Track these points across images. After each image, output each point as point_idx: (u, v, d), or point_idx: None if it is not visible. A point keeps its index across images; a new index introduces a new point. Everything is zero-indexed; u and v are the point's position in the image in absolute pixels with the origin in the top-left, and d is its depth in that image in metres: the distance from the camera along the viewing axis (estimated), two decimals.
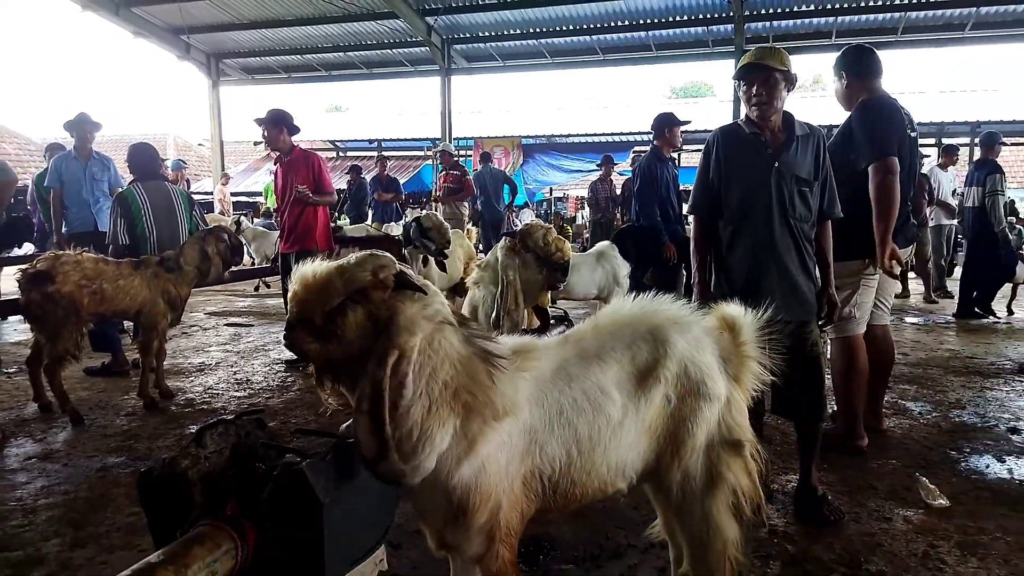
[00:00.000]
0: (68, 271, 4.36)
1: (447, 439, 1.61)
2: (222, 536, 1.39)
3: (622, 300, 2.07)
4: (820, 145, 3.11)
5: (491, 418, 1.66)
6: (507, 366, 1.71)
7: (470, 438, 1.64)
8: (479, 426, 1.64)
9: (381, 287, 1.59)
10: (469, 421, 1.64)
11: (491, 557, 1.72)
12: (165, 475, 1.51)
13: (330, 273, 1.60)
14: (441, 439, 1.60)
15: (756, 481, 2.00)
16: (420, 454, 1.58)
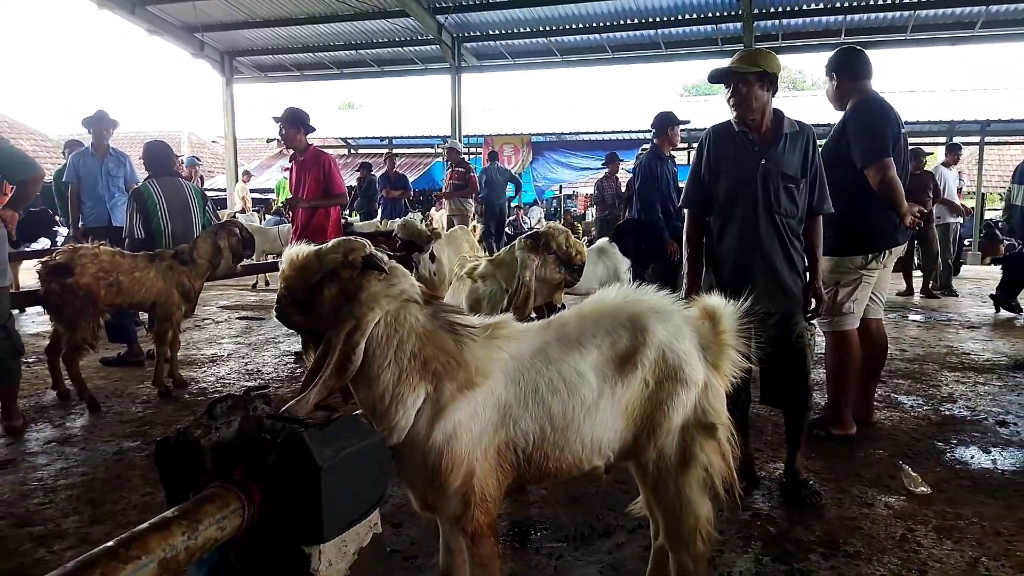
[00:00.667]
0: (86, 263, 4.55)
1: (418, 403, 1.83)
2: (230, 496, 1.54)
3: (608, 289, 2.21)
4: (809, 143, 3.22)
5: (463, 386, 1.84)
6: (476, 336, 1.90)
7: (442, 404, 1.83)
8: (451, 393, 1.83)
9: (350, 267, 1.85)
10: (441, 388, 1.83)
11: (467, 519, 1.88)
12: (179, 443, 1.66)
13: (310, 255, 1.87)
14: (412, 403, 1.82)
15: (729, 462, 2.13)
16: (393, 416, 1.82)
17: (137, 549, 1.35)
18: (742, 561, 2.76)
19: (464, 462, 1.85)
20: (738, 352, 2.18)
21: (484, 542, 1.92)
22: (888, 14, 13.37)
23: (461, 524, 1.91)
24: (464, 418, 1.85)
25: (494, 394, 1.90)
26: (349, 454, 1.61)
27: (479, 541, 1.92)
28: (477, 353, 1.87)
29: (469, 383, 1.84)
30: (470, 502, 1.88)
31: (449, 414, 1.83)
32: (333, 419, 1.68)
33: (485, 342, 1.91)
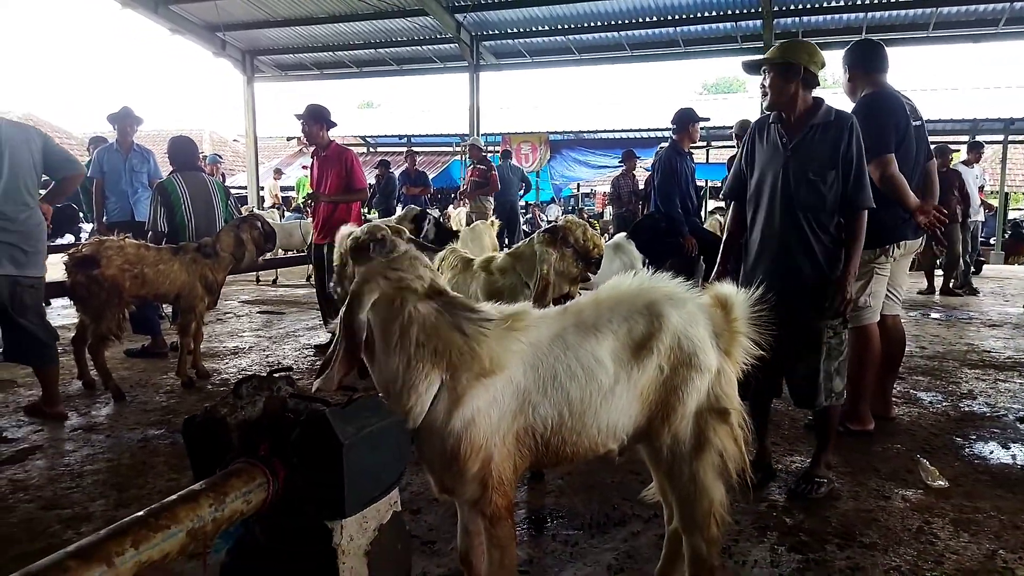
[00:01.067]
0: (112, 256, 4.65)
1: (432, 391, 1.88)
2: (256, 472, 1.58)
3: (623, 277, 2.24)
4: (843, 133, 3.09)
5: (479, 375, 1.87)
6: (491, 328, 1.93)
7: (459, 392, 1.87)
8: (467, 381, 1.87)
9: (359, 249, 2.08)
10: (457, 377, 1.87)
11: (485, 502, 1.93)
12: (206, 420, 1.71)
13: (344, 236, 2.18)
14: (426, 390, 1.87)
15: (742, 447, 2.16)
16: (407, 402, 1.88)
17: (167, 519, 1.40)
18: (757, 551, 2.78)
19: (482, 447, 1.89)
20: (750, 339, 2.20)
21: (502, 524, 1.96)
22: (910, 11, 13.25)
23: (479, 507, 1.96)
24: (483, 405, 1.89)
25: (513, 381, 1.93)
26: (370, 433, 1.65)
27: (497, 523, 1.96)
28: (492, 345, 1.90)
29: (485, 372, 1.88)
30: (488, 485, 1.92)
31: (467, 402, 1.87)
32: (355, 399, 1.73)
33: (503, 333, 1.94)
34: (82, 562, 1.23)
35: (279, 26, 15.63)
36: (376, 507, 1.75)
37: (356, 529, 1.69)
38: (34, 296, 4.16)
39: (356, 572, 1.69)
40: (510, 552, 1.98)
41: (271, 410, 1.78)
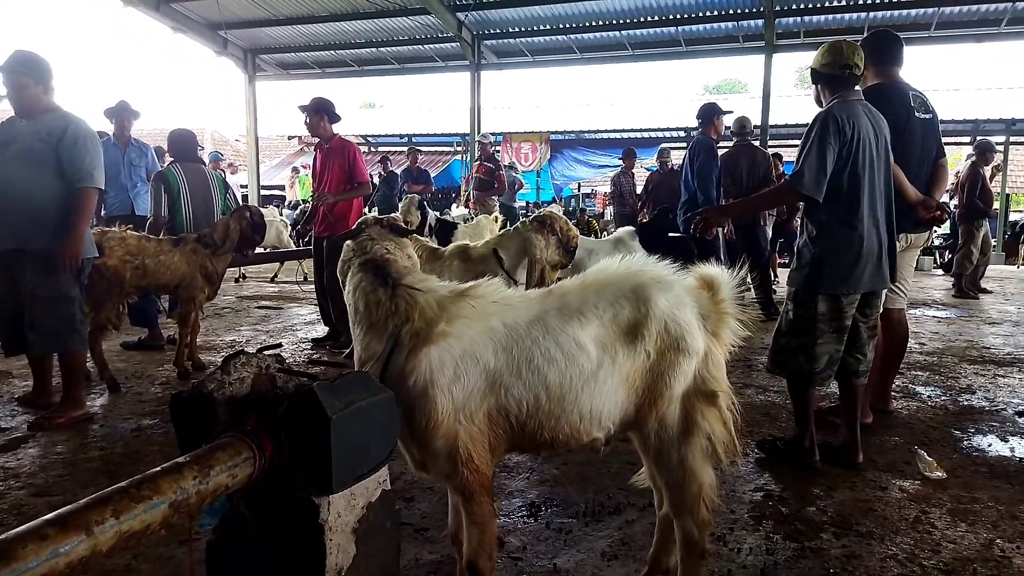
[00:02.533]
0: (114, 246, 4.66)
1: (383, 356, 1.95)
2: (242, 445, 1.57)
3: (610, 260, 2.22)
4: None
5: (422, 343, 1.90)
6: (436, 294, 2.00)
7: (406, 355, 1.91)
8: (410, 341, 1.92)
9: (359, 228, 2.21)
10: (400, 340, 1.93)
11: (457, 478, 1.92)
12: (193, 396, 1.70)
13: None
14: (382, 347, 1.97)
15: (731, 429, 2.14)
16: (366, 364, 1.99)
17: (149, 489, 1.38)
18: (752, 539, 2.76)
19: (444, 423, 1.88)
20: (737, 320, 2.18)
21: (477, 501, 1.96)
22: (912, 11, 13.22)
23: (453, 483, 1.97)
24: (441, 380, 1.88)
25: (480, 361, 1.92)
26: (359, 408, 1.64)
27: (471, 500, 1.96)
28: (433, 306, 1.95)
29: (428, 339, 1.90)
30: (457, 461, 1.91)
31: (419, 368, 1.88)
32: (344, 375, 1.71)
33: (450, 298, 1.99)
34: (60, 530, 1.21)
35: (281, 24, 15.62)
36: (364, 484, 1.74)
37: (344, 506, 1.68)
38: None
39: (343, 549, 1.67)
40: (488, 530, 1.97)
41: (259, 386, 1.77)
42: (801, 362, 3.38)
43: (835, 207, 3.31)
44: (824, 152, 3.23)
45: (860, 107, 3.35)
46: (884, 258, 3.40)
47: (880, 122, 3.41)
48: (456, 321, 1.92)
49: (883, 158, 3.38)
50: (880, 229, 3.38)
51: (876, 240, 3.36)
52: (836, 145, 3.24)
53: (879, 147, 3.35)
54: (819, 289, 3.32)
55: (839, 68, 3.36)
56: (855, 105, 3.34)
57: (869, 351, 3.53)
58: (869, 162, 3.30)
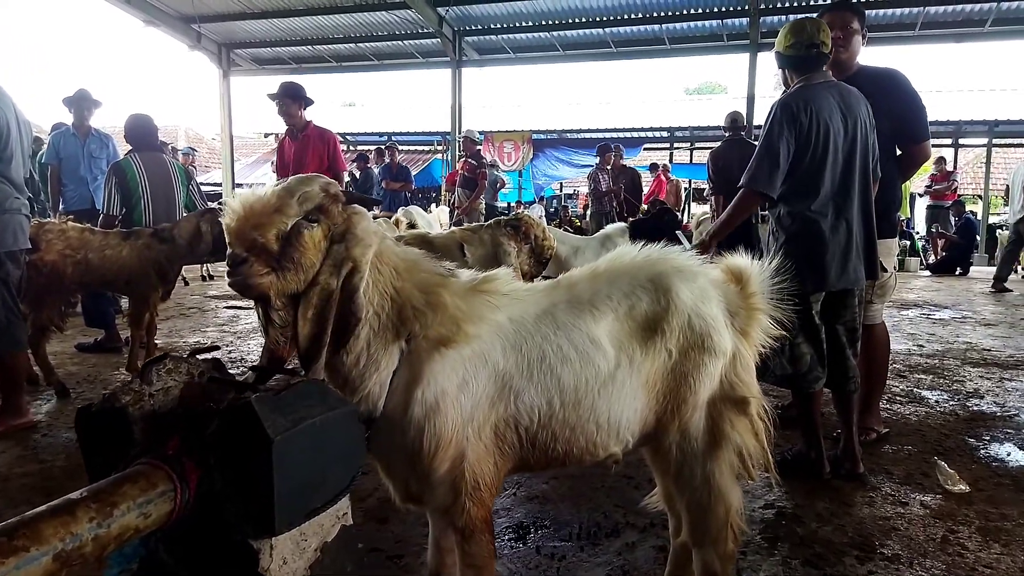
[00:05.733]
0: (52, 239, 4.26)
1: (392, 365, 1.56)
2: (159, 476, 1.23)
3: (625, 247, 1.91)
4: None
5: (439, 343, 1.55)
6: (458, 286, 1.64)
7: (415, 368, 1.55)
8: (425, 354, 1.55)
9: (335, 201, 1.55)
10: (417, 345, 1.56)
11: (457, 511, 1.59)
12: (103, 411, 1.36)
13: (280, 194, 1.51)
14: (387, 365, 1.55)
15: (763, 442, 1.83)
16: (367, 382, 1.55)
17: (24, 538, 1.04)
18: (768, 565, 2.46)
19: (452, 442, 1.55)
20: (769, 318, 1.88)
21: (477, 539, 1.62)
22: (897, 10, 13.10)
23: (450, 517, 1.62)
24: (451, 388, 1.55)
25: (488, 362, 1.60)
26: (311, 426, 1.30)
27: (471, 538, 1.62)
28: (459, 303, 1.59)
29: (447, 339, 1.55)
30: (460, 491, 1.58)
31: (427, 379, 1.54)
32: (293, 383, 1.38)
33: (469, 294, 1.64)
34: None
35: (256, 18, 15.20)
36: (318, 521, 1.40)
37: (291, 550, 1.34)
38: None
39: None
40: (487, 573, 1.64)
41: (189, 399, 1.43)
42: (784, 365, 3.08)
43: (793, 199, 3.03)
44: (774, 145, 2.95)
45: (825, 89, 3.02)
46: (855, 253, 3.06)
47: (855, 104, 3.06)
48: (480, 323, 1.60)
49: (858, 142, 3.03)
50: (851, 221, 3.05)
51: (845, 233, 3.03)
52: (790, 135, 2.94)
53: (850, 132, 3.02)
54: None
55: (804, 48, 3.03)
56: (818, 89, 3.01)
57: (851, 356, 3.19)
58: (834, 149, 2.97)
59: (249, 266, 1.46)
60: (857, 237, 3.06)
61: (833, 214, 3.00)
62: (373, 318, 1.55)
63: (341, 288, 1.52)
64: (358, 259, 1.52)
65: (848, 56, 3.45)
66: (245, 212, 1.49)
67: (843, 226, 3.01)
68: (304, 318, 1.52)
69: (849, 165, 3.02)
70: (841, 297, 3.10)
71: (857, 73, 3.45)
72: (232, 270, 1.48)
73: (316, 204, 1.51)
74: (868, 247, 3.12)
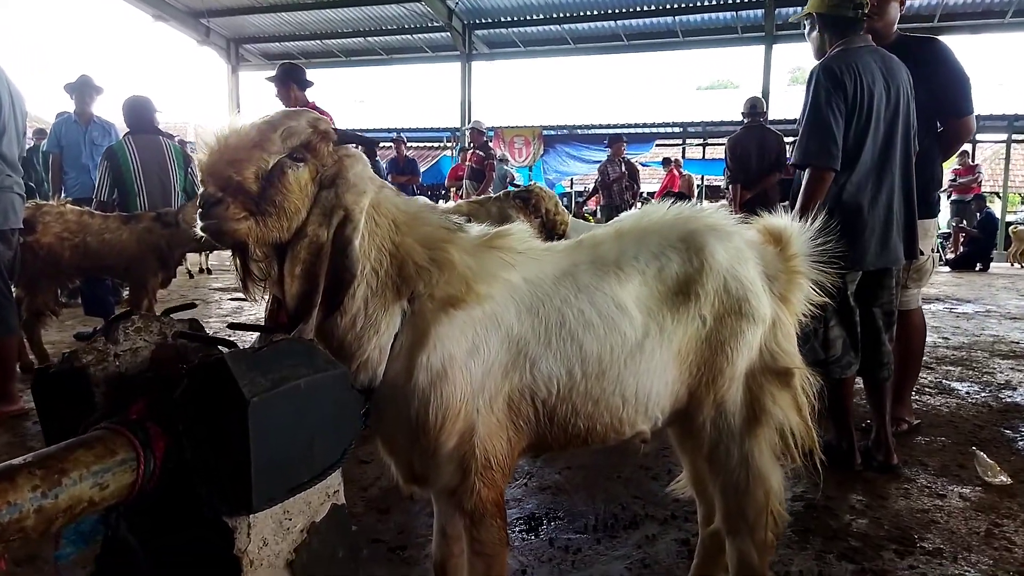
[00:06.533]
0: (49, 222, 4.12)
1: (393, 328, 1.38)
2: (118, 443, 1.07)
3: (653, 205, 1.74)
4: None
5: (447, 303, 1.37)
6: (466, 242, 1.47)
7: (420, 330, 1.37)
8: (430, 314, 1.37)
9: (325, 139, 1.36)
10: (421, 305, 1.38)
11: (465, 492, 1.41)
12: (62, 372, 1.20)
13: (262, 127, 1.33)
14: (387, 328, 1.37)
15: (807, 419, 1.65)
16: (365, 346, 1.37)
17: None
18: (801, 559, 2.27)
19: (460, 414, 1.38)
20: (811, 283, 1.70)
21: (487, 524, 1.45)
22: (916, 2, 12.83)
23: (458, 499, 1.44)
24: (459, 353, 1.38)
25: (502, 325, 1.42)
26: (294, 388, 1.13)
27: (480, 523, 1.45)
28: (468, 260, 1.41)
29: (455, 298, 1.37)
30: (469, 469, 1.41)
31: (433, 342, 1.36)
32: (274, 341, 1.21)
33: (480, 250, 1.46)
34: None
35: (265, 12, 15.14)
36: (305, 498, 1.23)
37: (273, 530, 1.17)
38: None
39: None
40: (498, 563, 1.47)
41: (160, 361, 1.27)
42: (816, 349, 2.87)
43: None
44: (821, 112, 2.73)
45: (867, 54, 2.81)
46: (895, 232, 2.86)
47: (897, 70, 2.85)
48: (492, 282, 1.43)
49: (900, 112, 2.83)
50: (893, 198, 2.85)
51: (884, 208, 2.82)
52: (837, 98, 2.72)
53: (892, 100, 2.80)
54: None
55: (851, 8, 2.82)
56: (860, 52, 2.80)
57: (886, 342, 3.00)
58: (876, 118, 2.76)
59: (224, 208, 1.27)
60: (897, 213, 2.86)
61: (873, 187, 2.79)
62: (371, 275, 1.37)
63: (332, 240, 1.33)
64: (351, 207, 1.34)
65: (883, 25, 3.24)
66: (220, 147, 1.31)
67: (883, 200, 2.81)
68: (291, 274, 1.33)
69: (890, 136, 2.82)
70: (879, 277, 2.90)
71: (895, 41, 3.24)
72: (205, 212, 1.29)
73: (302, 141, 1.33)
74: (908, 224, 2.92)
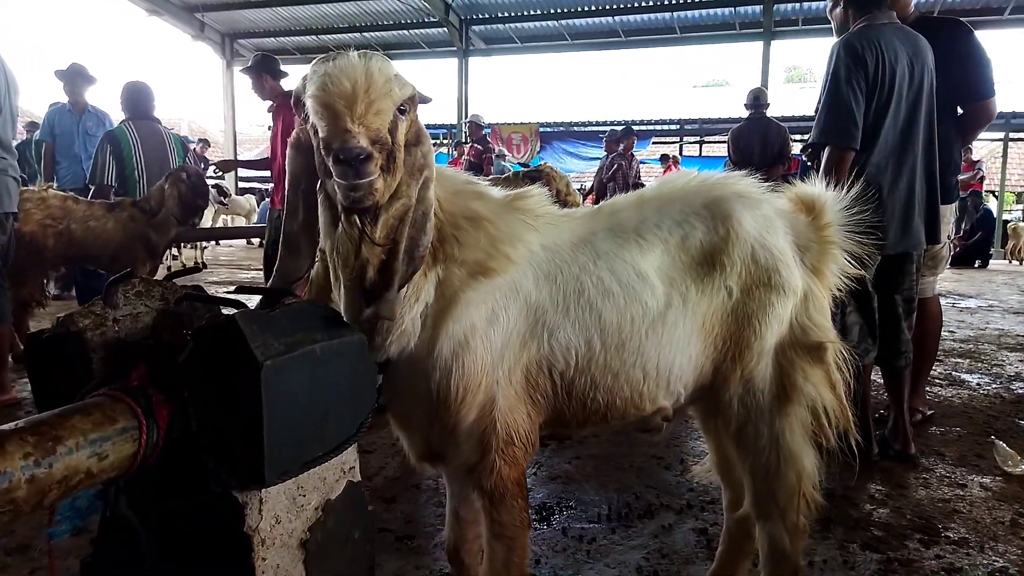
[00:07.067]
0: (30, 209, 3.96)
1: (428, 295, 1.28)
2: (119, 410, 0.98)
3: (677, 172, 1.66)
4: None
5: (475, 272, 1.28)
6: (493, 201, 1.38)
7: (448, 297, 1.28)
8: (459, 280, 1.28)
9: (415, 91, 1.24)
10: (449, 270, 1.28)
11: (485, 470, 1.33)
12: (57, 336, 1.11)
13: (384, 69, 1.15)
14: (424, 295, 1.27)
15: (842, 397, 1.57)
16: (405, 315, 1.26)
17: None
18: (824, 548, 2.19)
19: (481, 386, 1.30)
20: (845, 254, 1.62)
21: (508, 505, 1.37)
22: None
23: (477, 477, 1.35)
24: (480, 322, 1.29)
25: (520, 293, 1.34)
26: (308, 353, 1.05)
27: (501, 503, 1.36)
28: (496, 221, 1.33)
29: (484, 267, 1.28)
30: (490, 445, 1.33)
31: (460, 312, 1.27)
32: (288, 304, 1.13)
33: (504, 212, 1.37)
34: None
35: (260, 7, 14.99)
36: (320, 474, 1.15)
37: (286, 506, 1.09)
38: None
39: (284, 573, 1.08)
40: (519, 546, 1.38)
41: (162, 328, 1.18)
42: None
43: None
44: (841, 90, 2.63)
45: (891, 31, 2.71)
46: (917, 215, 2.78)
47: (923, 51, 2.75)
48: (518, 246, 1.34)
49: (923, 92, 2.74)
50: (915, 179, 2.76)
51: (905, 191, 2.74)
52: (858, 76, 2.62)
53: (917, 80, 2.71)
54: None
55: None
56: (884, 29, 2.70)
57: (905, 329, 2.92)
58: (898, 96, 2.67)
59: (374, 163, 1.10)
60: (919, 196, 2.77)
61: (894, 169, 2.71)
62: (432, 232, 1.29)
63: (420, 200, 1.23)
64: (433, 166, 1.26)
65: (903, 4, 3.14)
66: (366, 86, 1.11)
67: (904, 182, 2.73)
68: (378, 238, 1.18)
69: (913, 115, 2.73)
70: (899, 262, 2.82)
71: (915, 21, 3.15)
72: (358, 170, 1.07)
73: (410, 93, 1.20)
74: (930, 208, 2.83)
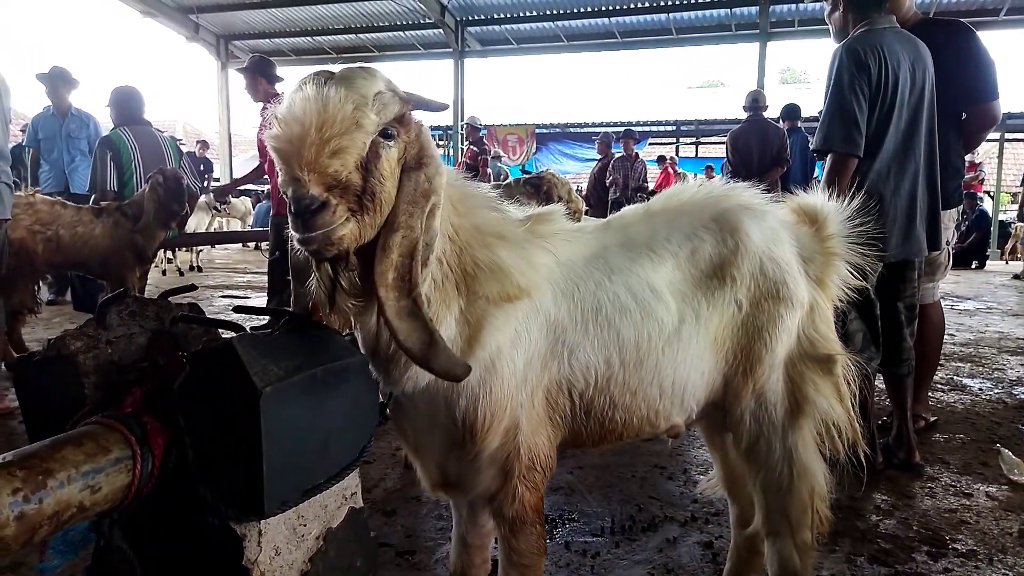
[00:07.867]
0: (19, 214, 3.86)
1: (453, 325, 1.20)
2: (112, 439, 0.94)
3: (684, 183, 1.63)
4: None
5: (501, 298, 1.22)
6: (517, 234, 1.30)
7: (473, 323, 1.21)
8: (483, 306, 1.21)
9: (406, 106, 1.11)
10: (472, 300, 1.21)
11: (506, 497, 1.29)
12: (48, 360, 1.07)
13: (352, 97, 1.02)
14: (448, 326, 1.20)
15: (850, 409, 1.54)
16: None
17: None
18: (831, 562, 2.16)
19: (507, 411, 1.25)
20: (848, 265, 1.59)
21: (527, 532, 1.33)
22: None
23: (497, 506, 1.31)
24: (504, 344, 1.25)
25: (540, 310, 1.30)
26: (309, 377, 1.01)
27: (521, 531, 1.33)
28: (521, 255, 1.27)
29: (509, 294, 1.22)
30: (512, 472, 1.28)
31: (486, 337, 1.21)
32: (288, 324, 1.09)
33: (525, 238, 1.32)
34: None
35: (255, 8, 14.93)
36: (321, 502, 1.11)
37: (286, 537, 1.05)
38: None
39: None
40: (534, 574, 1.34)
41: (158, 349, 1.14)
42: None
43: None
44: (844, 96, 2.60)
45: (892, 35, 2.68)
46: (919, 222, 2.75)
47: (924, 55, 2.72)
48: (539, 271, 1.28)
49: (925, 97, 2.71)
50: (917, 186, 2.73)
51: (907, 197, 2.71)
52: (861, 82, 2.59)
53: (918, 86, 2.68)
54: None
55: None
56: (886, 34, 2.67)
57: (907, 337, 2.89)
58: (900, 103, 2.64)
59: (331, 213, 0.99)
60: (921, 202, 2.74)
61: (895, 176, 2.68)
62: (435, 265, 1.18)
63: (426, 230, 1.12)
64: (441, 191, 1.14)
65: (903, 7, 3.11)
66: (319, 124, 0.99)
67: (905, 189, 2.70)
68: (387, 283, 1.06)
69: (915, 122, 2.70)
70: (900, 270, 2.79)
71: (917, 24, 3.11)
72: (307, 221, 0.99)
73: (396, 113, 1.08)
74: (932, 214, 2.80)
